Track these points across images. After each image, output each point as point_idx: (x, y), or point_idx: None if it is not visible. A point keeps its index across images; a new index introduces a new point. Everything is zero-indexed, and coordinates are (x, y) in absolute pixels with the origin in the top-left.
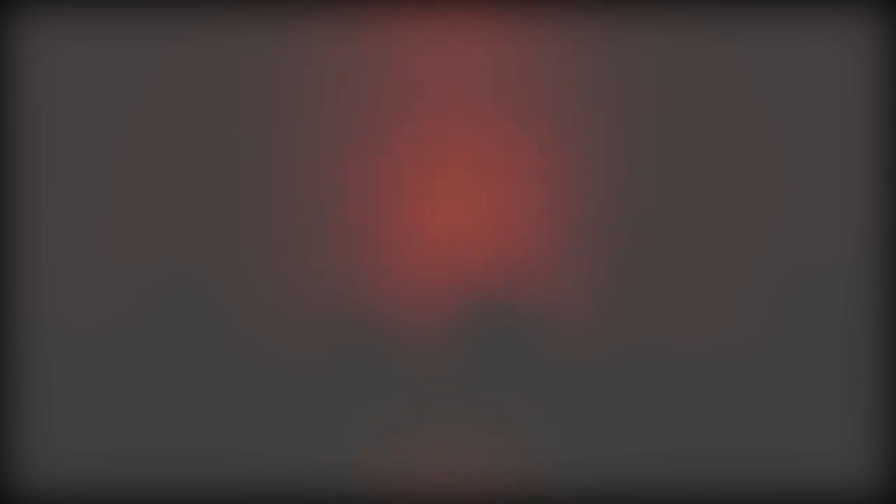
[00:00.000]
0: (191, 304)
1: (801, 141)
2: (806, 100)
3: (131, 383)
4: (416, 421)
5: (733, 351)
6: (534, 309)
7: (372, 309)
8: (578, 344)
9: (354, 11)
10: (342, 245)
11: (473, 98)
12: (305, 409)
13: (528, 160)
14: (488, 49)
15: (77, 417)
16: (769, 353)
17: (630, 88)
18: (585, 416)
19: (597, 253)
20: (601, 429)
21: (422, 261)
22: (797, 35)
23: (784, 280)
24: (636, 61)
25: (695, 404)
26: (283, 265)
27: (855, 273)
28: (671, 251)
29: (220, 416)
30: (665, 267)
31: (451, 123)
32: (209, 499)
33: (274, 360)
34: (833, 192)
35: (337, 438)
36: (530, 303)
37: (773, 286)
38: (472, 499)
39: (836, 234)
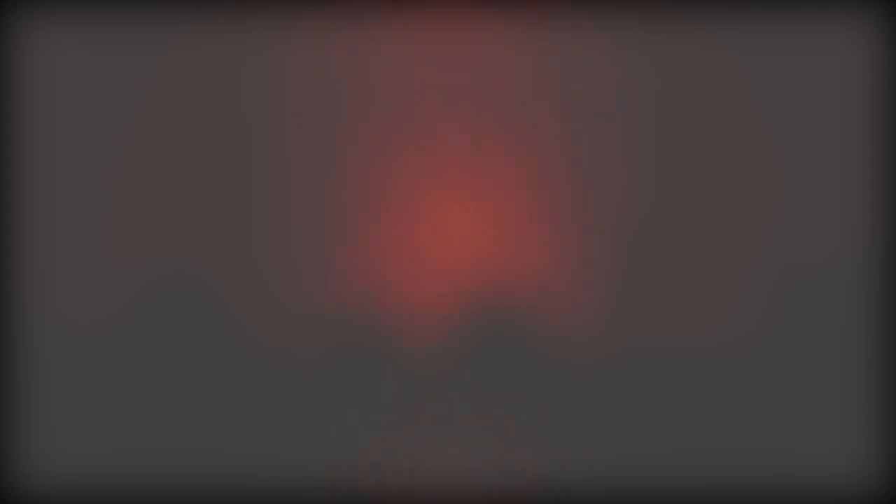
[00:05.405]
0: (191, 304)
1: (801, 141)
2: (806, 100)
3: (131, 383)
4: (418, 423)
5: (733, 351)
6: (534, 309)
7: (374, 310)
8: (577, 344)
9: (356, 11)
10: (343, 245)
11: (475, 100)
12: (306, 409)
13: (527, 162)
14: (488, 51)
15: (77, 417)
16: (769, 353)
17: (629, 89)
18: (585, 416)
19: (596, 254)
20: (602, 429)
21: (424, 262)
22: (797, 35)
23: (784, 280)
24: (636, 62)
25: (694, 404)
26: (284, 265)
27: (855, 273)
28: (671, 251)
29: (220, 416)
30: (665, 267)
31: (452, 125)
32: (209, 499)
33: (274, 360)
34: (833, 192)
35: (338, 439)
36: (531, 303)
37: (773, 286)
38: (476, 501)
39: (836, 234)
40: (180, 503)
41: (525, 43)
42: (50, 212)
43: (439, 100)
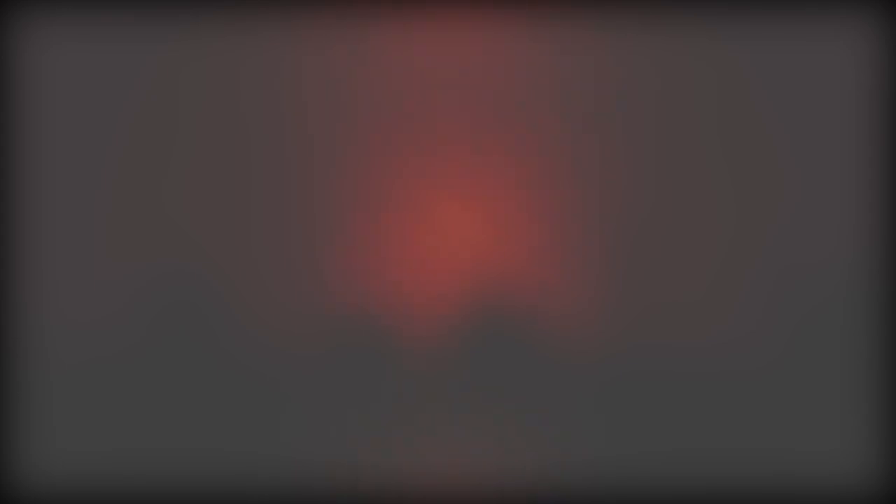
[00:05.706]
0: (191, 304)
1: (801, 141)
2: (806, 100)
3: (131, 383)
4: (418, 423)
5: (733, 351)
6: (534, 309)
7: (374, 310)
8: (577, 344)
9: (356, 11)
10: (343, 245)
11: (475, 100)
12: (306, 409)
13: (527, 162)
14: (488, 51)
15: (77, 417)
16: (769, 353)
17: (629, 89)
18: (585, 416)
19: (596, 254)
20: (602, 429)
21: (424, 262)
22: (797, 35)
23: (784, 280)
24: (636, 62)
25: (695, 404)
26: (284, 265)
27: (855, 273)
28: (671, 252)
29: (220, 416)
30: (665, 267)
31: (452, 125)
32: (209, 499)
33: (274, 360)
34: (833, 192)
35: (338, 440)
36: (531, 303)
37: (773, 286)
38: (476, 501)
39: (836, 234)
40: (180, 503)
41: (525, 43)
42: (50, 212)
43: (439, 100)
